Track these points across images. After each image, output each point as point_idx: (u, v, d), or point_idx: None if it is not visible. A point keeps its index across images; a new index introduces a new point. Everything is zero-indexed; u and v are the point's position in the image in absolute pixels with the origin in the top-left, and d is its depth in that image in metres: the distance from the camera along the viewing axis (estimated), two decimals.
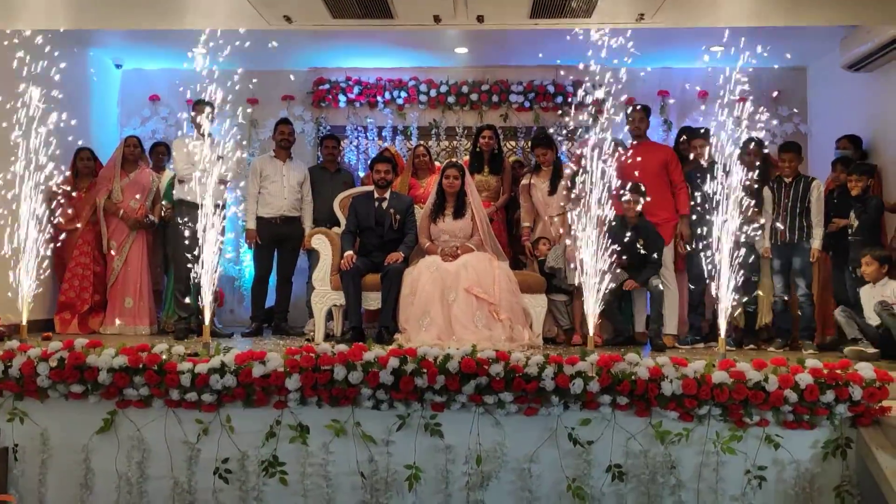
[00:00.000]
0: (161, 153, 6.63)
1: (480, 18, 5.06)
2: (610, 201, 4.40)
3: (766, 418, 3.85)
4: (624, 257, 4.95)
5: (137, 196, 6.13)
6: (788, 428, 3.86)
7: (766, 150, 5.76)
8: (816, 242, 5.39)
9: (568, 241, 5.19)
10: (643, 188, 5.40)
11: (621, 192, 5.02)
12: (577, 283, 4.43)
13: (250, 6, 4.91)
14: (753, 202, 4.80)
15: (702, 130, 5.74)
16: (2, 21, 5.13)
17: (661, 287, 5.36)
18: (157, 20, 5.31)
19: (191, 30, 5.03)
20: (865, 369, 3.85)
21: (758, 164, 5.37)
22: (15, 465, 4.07)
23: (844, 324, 5.05)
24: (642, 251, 5.33)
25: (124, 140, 6.30)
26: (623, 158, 4.89)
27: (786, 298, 5.48)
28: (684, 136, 6.07)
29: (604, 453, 3.92)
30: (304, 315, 6.45)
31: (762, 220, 5.39)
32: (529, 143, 6.52)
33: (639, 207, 5.39)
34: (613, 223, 4.34)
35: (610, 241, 4.35)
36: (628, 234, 5.17)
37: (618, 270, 4.77)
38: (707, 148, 4.60)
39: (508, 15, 5.11)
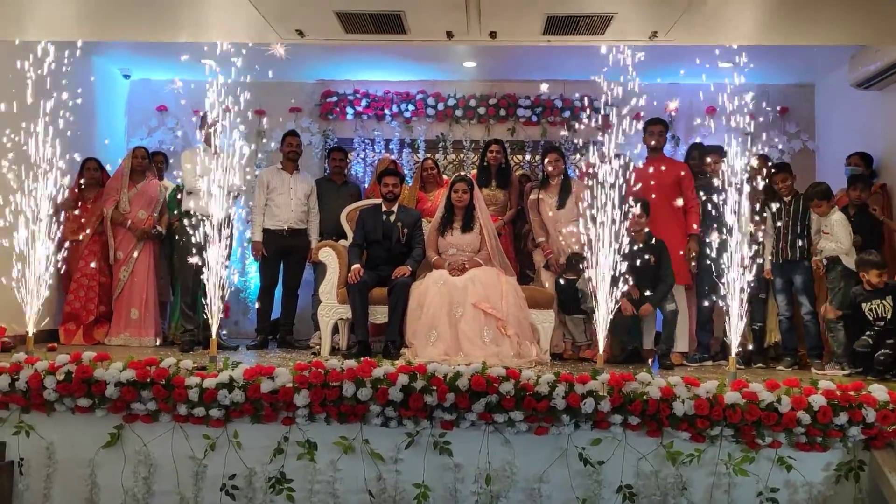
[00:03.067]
0: (160, 163, 6.61)
1: (493, 35, 5.04)
2: (623, 216, 4.36)
3: (778, 440, 3.82)
4: (633, 283, 4.86)
5: (145, 207, 6.12)
6: (801, 450, 3.83)
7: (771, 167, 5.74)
8: (817, 257, 5.37)
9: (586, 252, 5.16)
10: (647, 204, 5.37)
11: (629, 206, 4.93)
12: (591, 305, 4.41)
13: (263, 20, 4.90)
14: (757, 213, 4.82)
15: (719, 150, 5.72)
16: (12, 31, 5.12)
17: (675, 308, 5.35)
18: (169, 33, 5.30)
19: (200, 42, 5.03)
20: (879, 392, 3.82)
21: (764, 181, 5.35)
22: (20, 480, 4.03)
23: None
24: (651, 264, 5.26)
25: (132, 151, 6.29)
26: (636, 170, 4.86)
27: (789, 316, 5.46)
28: (696, 153, 6.05)
29: (614, 473, 3.89)
30: (309, 327, 6.43)
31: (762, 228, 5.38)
32: (539, 156, 6.50)
33: (645, 228, 5.35)
34: (628, 245, 4.31)
35: (625, 261, 4.30)
36: (642, 252, 5.08)
37: (626, 289, 4.72)
38: (721, 164, 4.58)
39: (522, 31, 5.08)
